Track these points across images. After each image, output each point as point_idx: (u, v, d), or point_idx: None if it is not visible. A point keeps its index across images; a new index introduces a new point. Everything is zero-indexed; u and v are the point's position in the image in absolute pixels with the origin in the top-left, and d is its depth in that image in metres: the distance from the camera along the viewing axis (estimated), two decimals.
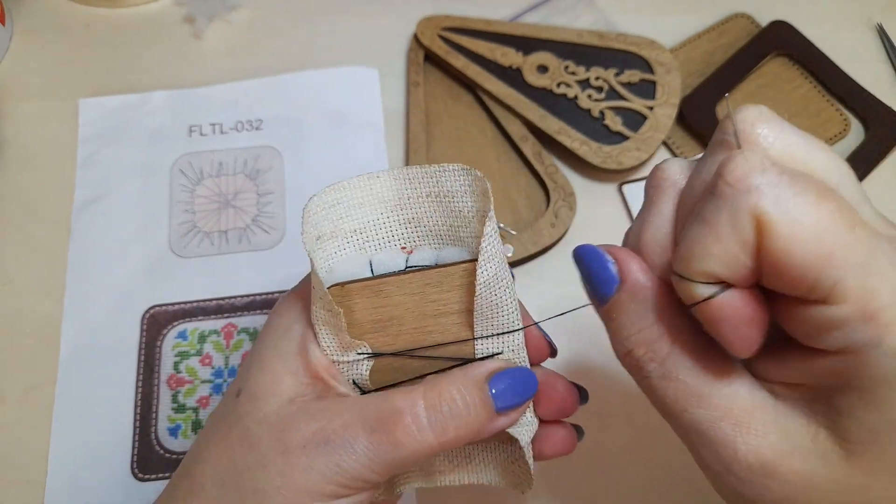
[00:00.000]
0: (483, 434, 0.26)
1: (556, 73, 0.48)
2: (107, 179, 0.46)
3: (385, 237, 0.28)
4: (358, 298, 0.27)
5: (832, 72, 0.49)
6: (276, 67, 0.50)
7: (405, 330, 0.27)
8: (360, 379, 0.27)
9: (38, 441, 0.40)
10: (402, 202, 0.28)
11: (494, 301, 0.26)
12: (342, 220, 0.28)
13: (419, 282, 0.27)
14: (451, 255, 0.28)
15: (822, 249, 0.18)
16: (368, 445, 0.24)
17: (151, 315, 0.43)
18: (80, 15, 0.53)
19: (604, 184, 0.47)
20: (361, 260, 0.28)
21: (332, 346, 0.27)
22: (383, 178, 0.27)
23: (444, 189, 0.27)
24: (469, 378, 0.26)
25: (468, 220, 0.27)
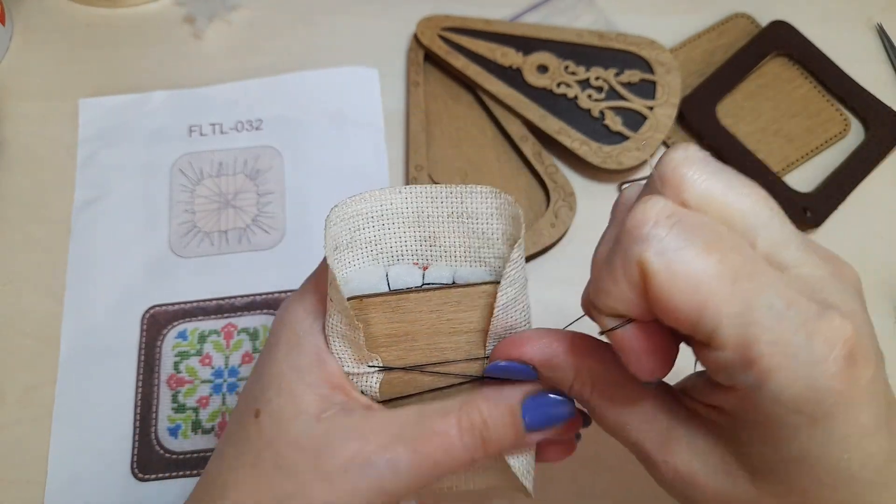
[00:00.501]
0: (516, 450, 0.27)
1: (556, 73, 0.48)
2: (107, 179, 0.46)
3: (400, 251, 0.28)
4: (374, 312, 0.27)
5: (832, 72, 0.49)
6: (276, 67, 0.50)
7: (418, 346, 0.27)
8: (369, 391, 0.27)
9: (38, 441, 0.40)
10: (421, 219, 0.28)
11: (510, 323, 0.27)
12: (359, 231, 0.27)
13: (439, 300, 0.27)
14: (466, 274, 0.28)
15: (697, 299, 0.20)
16: (409, 465, 0.25)
17: (151, 315, 0.43)
18: (80, 15, 0.53)
19: (604, 184, 0.47)
20: (378, 272, 0.28)
21: (346, 357, 0.27)
22: (404, 194, 0.27)
23: (468, 210, 0.27)
24: (503, 400, 0.26)
25: (492, 241, 0.28)
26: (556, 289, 0.44)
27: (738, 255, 0.20)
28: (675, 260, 0.20)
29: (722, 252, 0.20)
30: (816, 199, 0.46)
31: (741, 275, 0.20)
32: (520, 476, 0.28)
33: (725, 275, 0.20)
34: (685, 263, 0.20)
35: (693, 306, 0.20)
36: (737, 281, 0.20)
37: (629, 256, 0.21)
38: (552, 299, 0.44)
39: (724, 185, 0.22)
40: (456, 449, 0.25)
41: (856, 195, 0.46)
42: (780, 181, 0.46)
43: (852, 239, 0.46)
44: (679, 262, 0.20)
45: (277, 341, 0.27)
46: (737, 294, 0.20)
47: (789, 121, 0.49)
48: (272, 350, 0.27)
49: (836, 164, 0.47)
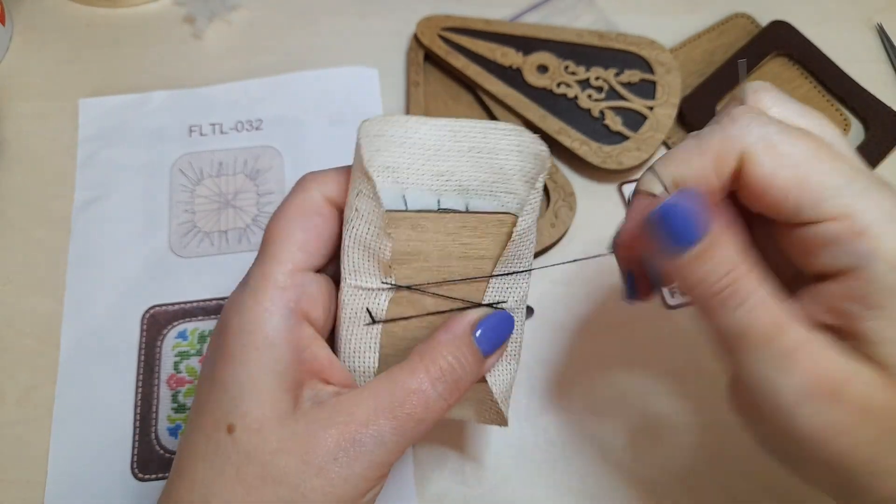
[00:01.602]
0: (479, 378, 0.28)
1: (556, 73, 0.48)
2: (107, 179, 0.46)
3: (415, 181, 0.28)
4: (395, 228, 0.27)
5: (832, 72, 0.49)
6: (276, 67, 0.50)
7: (429, 266, 0.28)
8: (376, 309, 0.28)
9: (38, 441, 0.40)
10: (440, 153, 0.28)
11: (520, 252, 0.28)
12: (379, 153, 0.27)
13: (456, 223, 0.28)
14: (479, 204, 0.28)
15: (798, 174, 0.22)
16: (394, 432, 0.25)
17: (151, 315, 0.43)
18: (80, 15, 0.53)
19: (604, 184, 0.47)
20: (396, 193, 0.28)
21: (363, 271, 0.27)
22: (429, 125, 0.28)
23: (489, 145, 0.28)
24: (457, 338, 0.27)
25: (507, 177, 0.28)
26: (556, 288, 0.44)
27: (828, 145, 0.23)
28: (777, 142, 0.23)
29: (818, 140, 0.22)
30: None
31: (837, 156, 0.22)
32: (500, 401, 0.29)
33: (824, 155, 0.22)
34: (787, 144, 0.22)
35: (796, 182, 0.22)
36: (834, 160, 0.22)
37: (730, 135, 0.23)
38: (552, 298, 0.44)
39: (801, 109, 0.25)
40: (432, 401, 0.26)
41: None
42: None
43: None
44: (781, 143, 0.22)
45: (243, 348, 0.25)
46: (836, 170, 0.22)
47: None
48: (233, 358, 0.25)
49: None
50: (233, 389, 0.25)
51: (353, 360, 0.28)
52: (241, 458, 0.24)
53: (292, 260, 0.26)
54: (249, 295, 0.26)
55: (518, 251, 0.28)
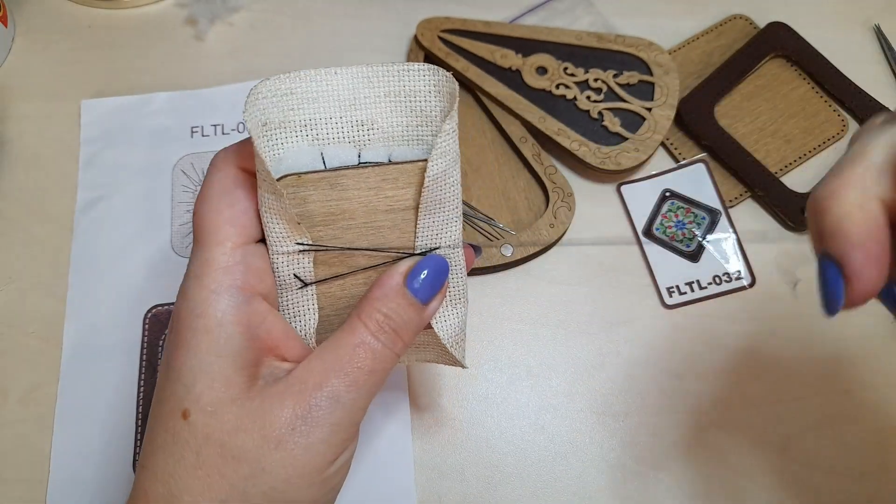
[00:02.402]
0: (424, 325, 0.28)
1: (555, 74, 0.49)
2: (109, 180, 0.47)
3: (336, 136, 0.27)
4: (313, 190, 0.27)
5: (830, 73, 0.50)
6: (277, 68, 0.50)
7: (356, 224, 0.27)
8: (303, 272, 0.27)
9: (40, 440, 0.40)
10: (358, 102, 0.27)
11: (440, 197, 0.27)
12: (293, 112, 0.27)
13: (376, 177, 0.27)
14: (403, 152, 0.28)
15: None
16: (348, 389, 0.25)
17: (153, 315, 0.43)
18: (82, 16, 0.53)
19: (602, 184, 0.48)
20: (313, 152, 0.27)
21: (281, 234, 0.27)
22: (340, 75, 0.27)
23: (406, 88, 0.27)
24: (389, 290, 0.27)
25: (430, 118, 0.27)
26: (555, 288, 0.44)
27: None
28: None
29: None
30: None
31: None
32: (449, 346, 0.29)
33: None
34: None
35: None
36: None
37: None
38: (552, 298, 0.44)
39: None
40: (379, 352, 0.26)
41: None
42: (778, 182, 0.46)
43: None
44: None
45: (194, 333, 0.25)
46: None
47: (787, 122, 0.49)
48: (186, 344, 0.25)
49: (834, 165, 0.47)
50: (186, 376, 0.25)
51: (294, 324, 0.28)
52: (200, 441, 0.24)
53: (228, 238, 0.26)
54: (194, 281, 0.26)
55: (437, 196, 0.27)
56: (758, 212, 0.47)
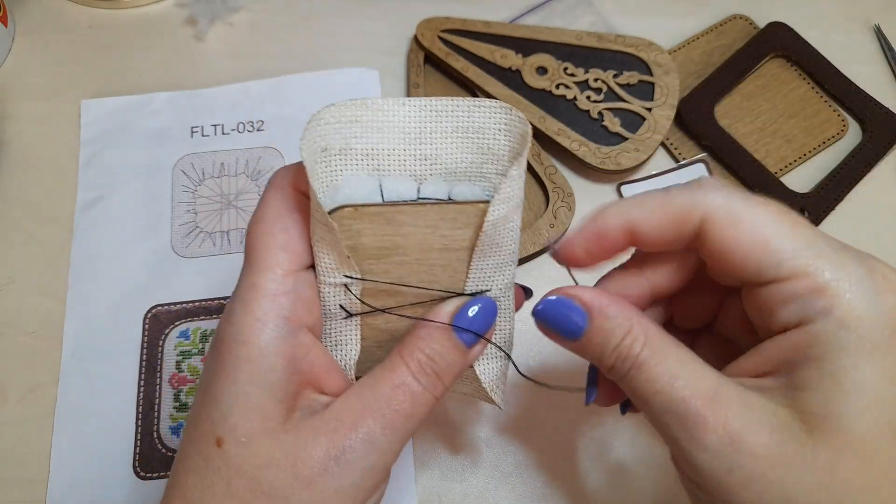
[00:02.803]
0: (466, 367, 0.28)
1: (555, 74, 0.49)
2: (109, 180, 0.47)
3: (397, 167, 0.27)
4: (368, 224, 0.26)
5: (830, 73, 0.50)
6: (277, 69, 0.51)
7: (408, 260, 0.26)
8: (349, 303, 0.27)
9: (40, 440, 0.40)
10: (423, 135, 0.26)
11: (498, 241, 0.27)
12: (355, 140, 0.26)
13: (435, 215, 0.26)
14: (464, 191, 0.27)
15: (761, 235, 0.23)
16: (384, 431, 0.25)
17: (153, 315, 0.43)
18: (82, 16, 0.53)
19: (602, 184, 0.48)
20: (372, 182, 0.26)
21: (330, 266, 0.26)
22: (408, 107, 0.26)
23: (475, 124, 0.26)
24: (434, 329, 0.26)
25: (498, 157, 0.27)
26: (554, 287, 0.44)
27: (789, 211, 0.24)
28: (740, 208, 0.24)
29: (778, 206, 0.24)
30: (814, 200, 0.46)
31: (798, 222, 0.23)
32: (489, 390, 0.29)
33: (785, 219, 0.23)
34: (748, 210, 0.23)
35: (758, 242, 0.23)
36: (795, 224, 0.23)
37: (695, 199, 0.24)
38: None
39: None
40: (418, 394, 0.25)
41: (853, 196, 0.47)
42: (778, 182, 0.46)
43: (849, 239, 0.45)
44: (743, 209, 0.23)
45: (236, 360, 0.25)
46: (798, 233, 0.23)
47: (787, 122, 0.49)
48: (226, 370, 0.25)
49: (834, 165, 0.47)
50: (223, 402, 0.24)
51: (335, 353, 0.28)
52: (231, 471, 0.24)
53: (279, 264, 0.25)
54: (241, 306, 0.25)
55: (494, 240, 0.27)
56: None
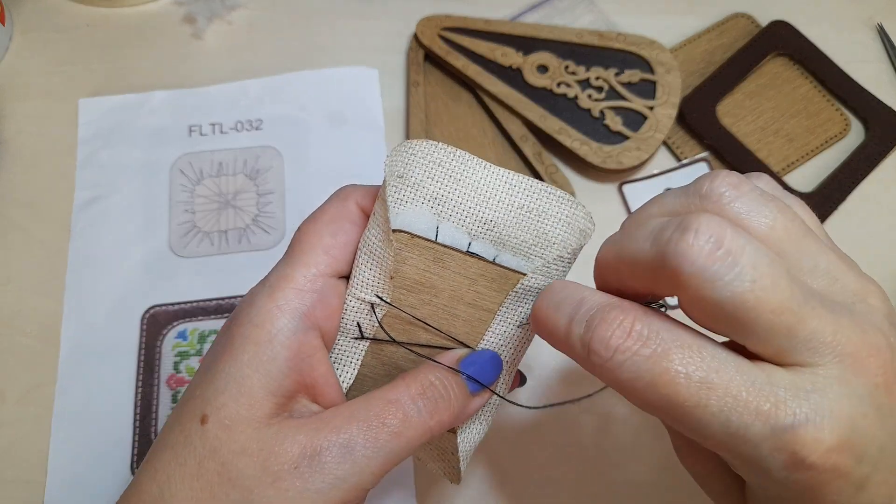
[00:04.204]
0: (462, 416, 0.27)
1: (556, 72, 0.48)
2: (107, 179, 0.46)
3: (457, 219, 0.27)
4: (416, 255, 0.27)
5: (832, 72, 0.49)
6: (276, 67, 0.50)
7: (436, 303, 0.27)
8: (366, 323, 0.27)
9: (37, 441, 0.40)
10: (491, 201, 0.27)
11: (521, 312, 0.28)
12: (432, 181, 0.27)
13: (477, 271, 0.27)
14: (508, 259, 0.28)
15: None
16: (366, 443, 0.24)
17: (151, 315, 0.43)
18: (80, 15, 0.53)
19: (604, 184, 0.47)
20: (430, 221, 0.27)
21: (367, 281, 0.27)
22: (489, 172, 0.27)
23: (539, 208, 0.27)
24: (443, 366, 0.26)
25: (549, 243, 0.27)
26: None
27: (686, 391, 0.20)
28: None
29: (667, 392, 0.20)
30: (817, 199, 0.46)
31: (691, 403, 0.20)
32: (462, 460, 0.29)
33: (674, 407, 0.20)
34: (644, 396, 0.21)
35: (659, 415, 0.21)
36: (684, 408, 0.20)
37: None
38: None
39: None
40: (412, 417, 0.25)
41: (856, 195, 0.46)
42: (781, 181, 0.46)
43: (852, 239, 0.46)
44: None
45: (244, 340, 0.25)
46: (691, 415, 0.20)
47: (789, 121, 0.49)
48: (232, 349, 0.25)
49: (837, 164, 0.47)
50: (219, 380, 0.24)
51: (336, 368, 0.28)
52: (206, 452, 0.23)
53: (316, 263, 0.26)
54: (266, 291, 0.26)
55: (519, 308, 0.28)
56: None
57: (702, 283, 0.19)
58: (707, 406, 0.19)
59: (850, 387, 0.20)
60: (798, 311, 0.20)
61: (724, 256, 0.19)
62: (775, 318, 0.19)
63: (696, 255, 0.19)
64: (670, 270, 0.20)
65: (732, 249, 0.19)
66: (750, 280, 0.19)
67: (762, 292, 0.19)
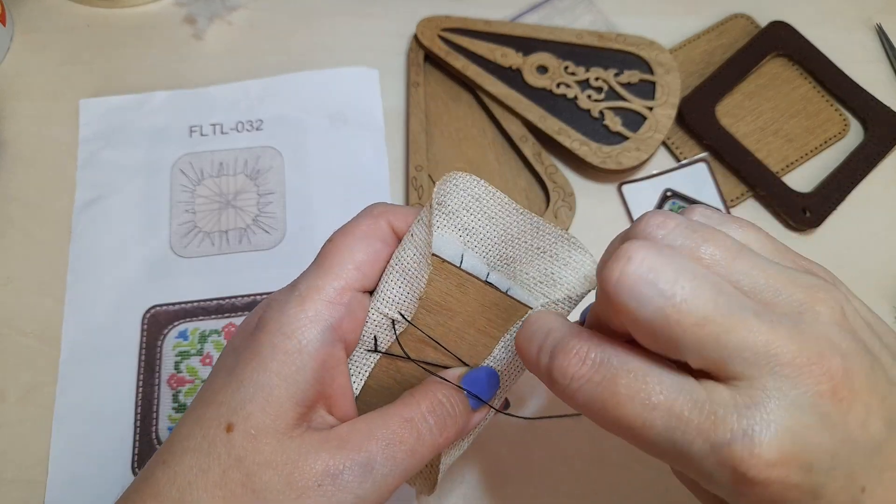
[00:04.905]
0: (464, 432, 0.28)
1: (555, 73, 0.48)
2: (107, 180, 0.47)
3: (482, 252, 0.29)
4: (442, 279, 0.29)
5: (831, 72, 0.50)
6: (276, 68, 0.50)
7: (450, 326, 0.29)
8: (383, 337, 0.28)
9: (38, 440, 0.40)
10: (517, 241, 0.29)
11: None
12: (467, 213, 0.29)
13: (493, 300, 0.29)
14: (518, 292, 0.29)
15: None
16: (385, 461, 0.25)
17: (152, 315, 0.43)
18: (80, 15, 0.53)
19: (603, 184, 0.47)
20: (457, 249, 0.29)
21: (394, 298, 0.28)
22: (521, 215, 0.29)
23: (556, 253, 0.29)
24: (448, 383, 0.28)
25: (557, 286, 0.29)
26: None
27: (632, 411, 0.21)
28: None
29: (617, 414, 0.21)
30: (816, 200, 0.46)
31: (638, 424, 0.21)
32: (440, 475, 0.30)
33: (623, 428, 0.21)
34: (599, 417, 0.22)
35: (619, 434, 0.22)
36: (633, 428, 0.21)
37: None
38: None
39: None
40: (424, 432, 0.26)
41: (855, 195, 0.47)
42: (780, 181, 0.46)
43: (851, 239, 0.46)
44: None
45: (273, 349, 0.25)
46: (639, 435, 0.21)
47: (789, 121, 0.49)
48: (260, 357, 0.25)
49: (836, 165, 0.47)
50: (247, 388, 0.25)
51: None
52: (231, 461, 0.24)
53: (346, 277, 0.27)
54: (296, 299, 0.26)
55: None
56: (759, 212, 0.47)
57: (627, 302, 0.21)
58: (653, 426, 0.21)
59: (788, 398, 0.20)
60: (723, 321, 0.20)
61: (646, 274, 0.20)
62: (700, 330, 0.20)
63: (618, 277, 0.21)
64: (604, 297, 0.21)
65: (654, 267, 0.20)
66: (669, 295, 0.20)
67: (684, 305, 0.20)
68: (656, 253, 0.21)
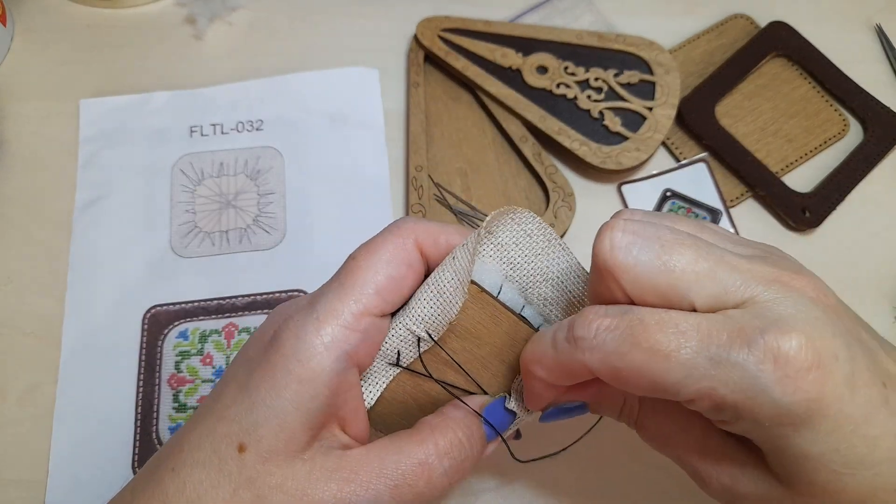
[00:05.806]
0: (477, 461, 0.28)
1: (555, 73, 0.48)
2: (108, 180, 0.47)
3: (522, 286, 0.29)
4: (478, 307, 0.28)
5: (831, 72, 0.50)
6: (276, 68, 0.50)
7: (476, 353, 0.29)
8: (407, 353, 0.28)
9: (39, 440, 0.40)
10: (556, 281, 0.29)
11: None
12: (516, 248, 0.29)
13: (524, 335, 0.29)
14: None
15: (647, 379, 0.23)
16: (392, 500, 0.25)
17: (152, 315, 0.43)
18: (81, 16, 0.53)
19: (603, 184, 0.47)
20: (497, 280, 0.29)
21: (424, 318, 0.27)
22: (565, 257, 0.29)
23: (586, 302, 0.29)
24: (468, 415, 0.28)
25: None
26: None
27: (664, 339, 0.22)
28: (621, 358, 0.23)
29: (650, 345, 0.22)
30: (815, 200, 0.46)
31: (672, 349, 0.22)
32: None
33: (659, 360, 0.22)
34: (630, 361, 0.23)
35: (648, 383, 0.23)
36: (669, 357, 0.22)
37: (578, 360, 0.24)
38: None
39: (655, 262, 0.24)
40: (436, 476, 0.26)
41: (854, 195, 0.47)
42: (779, 182, 0.46)
43: (851, 239, 0.46)
44: (625, 360, 0.23)
45: (287, 375, 0.25)
46: (676, 364, 0.22)
47: (788, 121, 0.49)
48: (274, 381, 0.25)
49: (835, 165, 0.47)
50: (259, 410, 0.25)
51: (362, 386, 0.29)
52: (242, 480, 0.24)
53: (366, 302, 0.26)
54: (313, 323, 0.25)
55: None
56: (759, 212, 0.47)
57: (625, 262, 0.23)
58: (687, 349, 0.22)
59: (788, 301, 0.22)
60: (710, 257, 0.23)
61: (634, 235, 0.23)
62: (695, 266, 0.23)
63: (610, 244, 0.23)
64: (602, 269, 0.24)
65: (637, 230, 0.23)
66: (659, 246, 0.23)
67: (674, 249, 0.23)
68: (635, 222, 0.24)
